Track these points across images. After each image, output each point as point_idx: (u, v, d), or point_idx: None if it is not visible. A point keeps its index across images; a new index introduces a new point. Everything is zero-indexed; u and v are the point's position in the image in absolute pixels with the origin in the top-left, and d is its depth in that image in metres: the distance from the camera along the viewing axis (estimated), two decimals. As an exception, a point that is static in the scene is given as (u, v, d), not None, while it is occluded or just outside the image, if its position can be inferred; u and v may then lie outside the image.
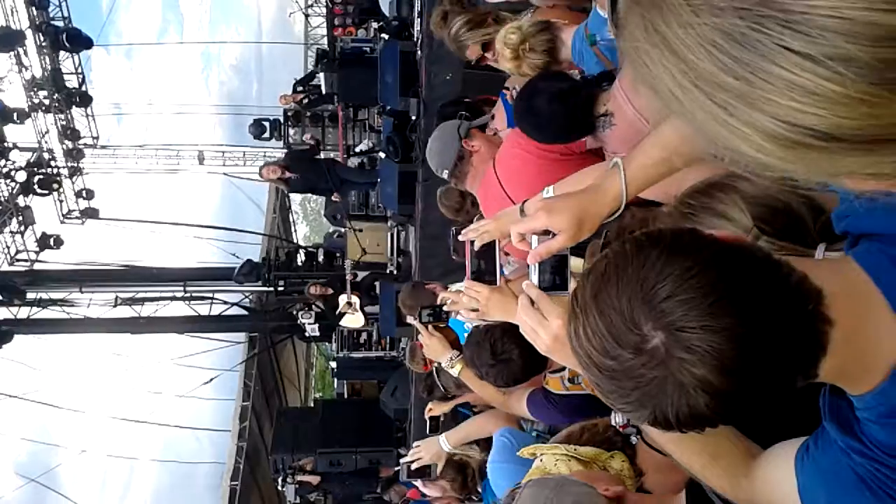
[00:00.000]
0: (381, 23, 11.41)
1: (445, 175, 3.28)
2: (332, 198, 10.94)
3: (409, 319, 3.35)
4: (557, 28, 2.86)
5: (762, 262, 0.94)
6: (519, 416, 3.20)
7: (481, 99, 4.29)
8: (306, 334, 11.27)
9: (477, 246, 2.09)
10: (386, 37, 10.59)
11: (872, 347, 0.96)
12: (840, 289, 0.95)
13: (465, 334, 3.02)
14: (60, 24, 13.44)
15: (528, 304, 1.55)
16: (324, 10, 15.47)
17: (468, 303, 2.20)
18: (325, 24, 15.51)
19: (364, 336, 12.12)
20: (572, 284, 1.62)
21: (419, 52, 8.50)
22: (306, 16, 18.10)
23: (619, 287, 0.93)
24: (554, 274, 1.64)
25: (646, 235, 0.98)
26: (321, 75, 12.93)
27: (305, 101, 10.69)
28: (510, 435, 2.90)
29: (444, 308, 3.07)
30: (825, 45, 0.57)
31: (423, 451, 3.75)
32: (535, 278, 1.63)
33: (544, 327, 1.50)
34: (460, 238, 2.14)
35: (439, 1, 4.34)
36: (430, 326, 3.21)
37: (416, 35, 9.21)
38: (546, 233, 1.63)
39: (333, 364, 12.83)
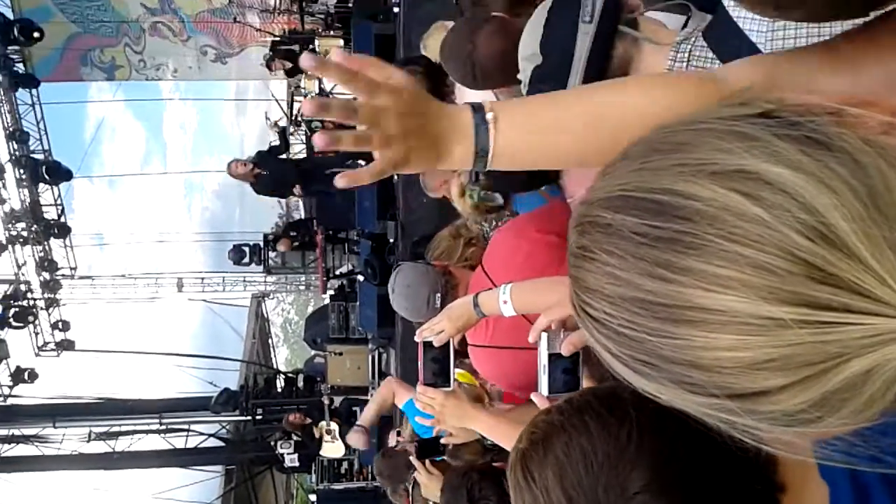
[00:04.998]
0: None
1: (437, 303, 3.17)
2: (294, 191, 10.78)
3: (412, 459, 3.19)
4: None
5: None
6: None
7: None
8: (285, 465, 10.87)
9: (437, 344, 2.00)
10: (362, 162, 10.75)
11: None
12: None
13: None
14: (41, 156, 13.62)
15: None
16: (303, 136, 15.80)
17: (423, 409, 2.11)
18: (305, 150, 15.80)
19: (345, 466, 11.74)
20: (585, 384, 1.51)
21: (395, 177, 8.60)
22: (287, 143, 18.44)
23: (588, 470, 0.87)
24: (566, 374, 1.52)
25: (603, 403, 0.92)
26: (300, 200, 13.04)
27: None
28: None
29: (441, 440, 2.93)
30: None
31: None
32: (544, 383, 1.51)
33: None
34: (416, 339, 2.05)
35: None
36: (427, 462, 3.05)
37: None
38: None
39: (313, 497, 12.36)
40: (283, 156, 11.11)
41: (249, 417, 11.70)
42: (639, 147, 0.67)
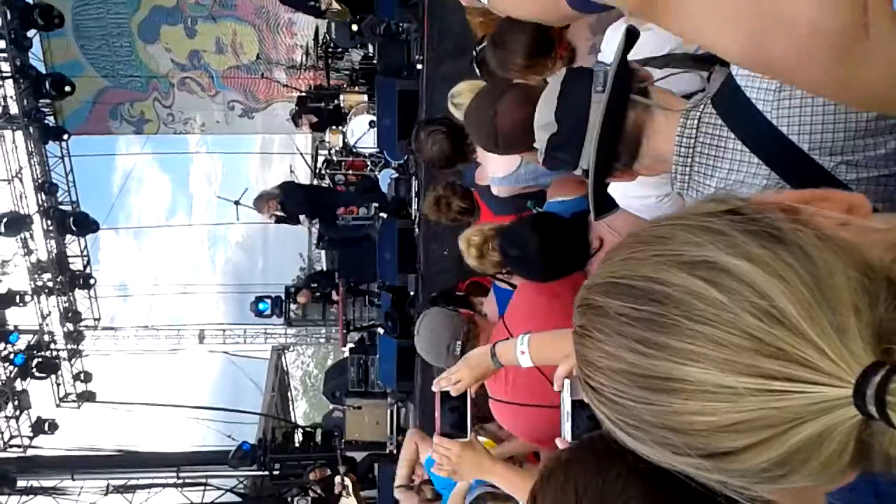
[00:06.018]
0: (380, 202, 11.73)
1: (458, 350, 3.24)
2: (300, 219, 10.99)
3: None
4: None
5: None
6: None
7: (473, 286, 4.52)
8: (301, 521, 10.74)
9: (454, 393, 2.02)
10: (384, 215, 10.84)
11: None
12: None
13: None
14: (68, 208, 13.83)
15: None
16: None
17: (438, 461, 2.11)
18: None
19: (361, 522, 11.55)
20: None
21: (417, 230, 8.65)
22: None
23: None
24: (591, 421, 1.53)
25: (605, 444, 0.95)
26: (322, 253, 13.11)
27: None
28: None
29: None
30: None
31: None
32: (567, 429, 1.53)
33: None
34: (433, 388, 2.07)
35: (433, 186, 4.45)
36: None
37: (413, 214, 9.42)
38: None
39: (329, 555, 12.15)
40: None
41: (267, 473, 11.60)
42: (630, 239, 0.77)
